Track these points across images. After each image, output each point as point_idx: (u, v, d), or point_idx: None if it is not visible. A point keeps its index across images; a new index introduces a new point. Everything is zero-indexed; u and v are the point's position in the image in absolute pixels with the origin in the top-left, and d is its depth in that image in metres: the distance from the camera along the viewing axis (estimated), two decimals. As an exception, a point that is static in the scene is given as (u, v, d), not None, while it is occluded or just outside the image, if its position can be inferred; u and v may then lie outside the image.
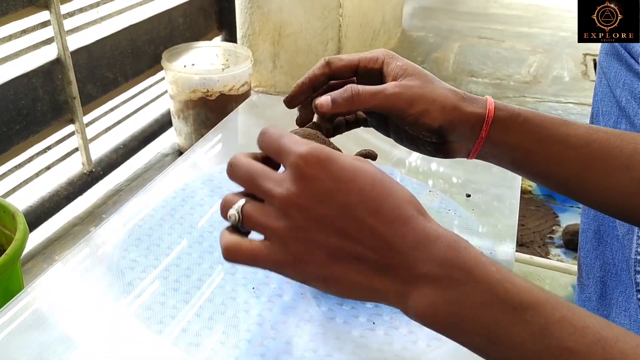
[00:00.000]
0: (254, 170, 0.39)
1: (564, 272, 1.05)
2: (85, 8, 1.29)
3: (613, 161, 0.49)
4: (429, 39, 2.52)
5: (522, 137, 0.50)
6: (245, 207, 0.38)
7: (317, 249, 0.37)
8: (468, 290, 0.35)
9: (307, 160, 0.36)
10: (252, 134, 0.83)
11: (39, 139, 1.23)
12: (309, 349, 0.47)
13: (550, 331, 0.34)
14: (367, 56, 0.53)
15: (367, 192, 0.37)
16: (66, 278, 0.54)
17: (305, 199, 0.36)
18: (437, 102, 0.50)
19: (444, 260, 0.36)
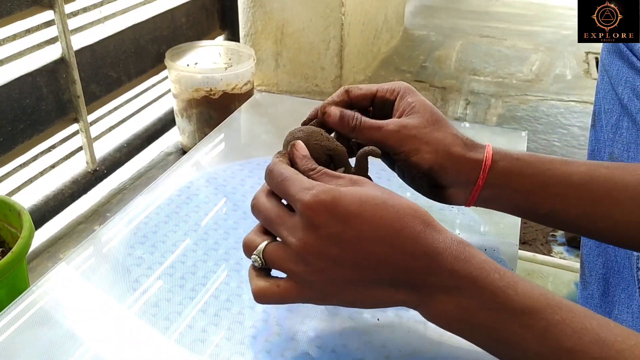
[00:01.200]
0: (271, 215, 0.43)
1: (566, 269, 1.06)
2: (88, 8, 1.29)
3: (619, 195, 0.49)
4: (431, 38, 2.52)
5: (524, 182, 0.51)
6: (266, 251, 0.43)
7: (339, 283, 0.41)
8: (475, 298, 0.38)
9: (313, 209, 0.39)
10: (256, 132, 0.84)
11: (43, 137, 1.24)
12: (314, 345, 0.47)
13: (551, 333, 0.36)
14: (385, 87, 0.55)
15: (375, 221, 0.39)
16: (72, 276, 0.54)
17: (318, 245, 0.40)
18: (430, 144, 0.51)
19: (452, 271, 0.39)
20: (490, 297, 0.38)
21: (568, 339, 0.36)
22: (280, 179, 0.43)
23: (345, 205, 0.39)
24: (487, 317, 0.38)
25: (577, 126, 1.80)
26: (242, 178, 0.70)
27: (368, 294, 0.41)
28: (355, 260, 0.40)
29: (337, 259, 0.40)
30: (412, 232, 0.39)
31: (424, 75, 2.15)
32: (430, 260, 0.39)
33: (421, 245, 0.39)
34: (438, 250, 0.39)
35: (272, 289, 0.42)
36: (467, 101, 1.96)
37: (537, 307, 0.37)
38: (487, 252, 0.58)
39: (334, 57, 1.86)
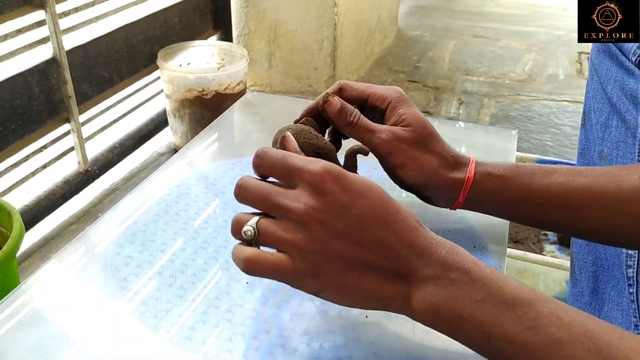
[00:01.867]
0: (267, 188, 0.42)
1: (557, 268, 1.06)
2: (80, 7, 1.29)
3: (598, 202, 0.51)
4: (424, 38, 2.53)
5: (504, 197, 0.53)
6: (260, 222, 0.41)
7: (335, 259, 0.40)
8: (466, 289, 0.39)
9: (322, 177, 0.39)
10: (248, 131, 0.84)
11: (35, 138, 1.23)
12: (303, 342, 0.47)
13: (541, 324, 0.37)
14: (377, 93, 0.55)
15: (377, 206, 0.40)
16: (61, 274, 0.54)
17: (324, 212, 0.39)
18: (417, 161, 0.53)
19: (445, 263, 0.39)
20: (482, 289, 0.38)
21: (557, 329, 0.36)
22: (279, 156, 0.42)
23: (351, 182, 0.40)
24: (477, 309, 0.38)
25: (570, 126, 1.81)
26: (233, 177, 0.69)
27: (359, 282, 0.40)
28: (355, 238, 0.39)
29: (338, 232, 0.39)
30: (409, 224, 0.40)
31: (417, 76, 2.15)
32: (424, 250, 0.40)
33: (417, 236, 0.40)
34: (432, 243, 0.40)
35: (266, 256, 0.40)
36: (460, 101, 1.96)
37: (527, 299, 0.38)
38: (476, 249, 0.58)
39: (327, 57, 1.86)
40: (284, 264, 0.40)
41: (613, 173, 0.52)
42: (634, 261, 0.65)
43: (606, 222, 0.52)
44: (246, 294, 0.52)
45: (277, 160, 0.42)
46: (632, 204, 0.50)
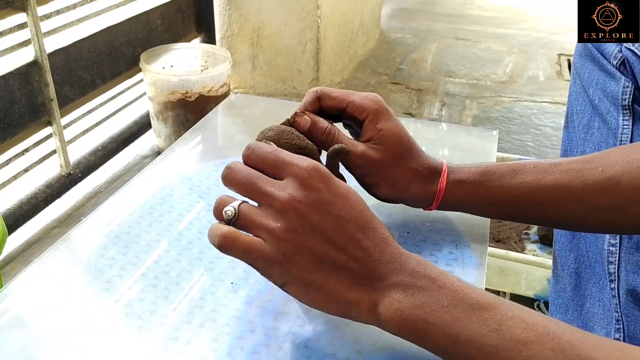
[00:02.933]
0: (255, 174, 0.43)
1: (539, 266, 1.08)
2: (62, 10, 1.29)
3: (565, 198, 0.54)
4: (407, 40, 2.54)
5: (476, 201, 0.56)
6: (242, 205, 0.43)
7: (306, 252, 0.41)
8: (433, 295, 0.40)
9: (310, 172, 0.41)
10: (231, 133, 0.84)
11: (16, 141, 1.22)
12: (287, 341, 0.48)
13: (506, 326, 0.38)
14: (356, 103, 0.55)
15: (356, 210, 0.42)
16: (44, 277, 0.54)
17: (304, 205, 0.41)
18: (390, 180, 0.55)
19: (413, 271, 0.41)
20: (448, 295, 0.40)
21: (522, 331, 0.37)
22: (270, 149, 0.44)
23: (336, 183, 0.42)
24: (444, 314, 0.39)
25: (550, 126, 1.83)
26: (217, 178, 0.70)
27: (326, 281, 0.41)
28: (330, 235, 0.41)
29: (316, 227, 0.40)
30: (383, 234, 0.42)
31: (400, 78, 2.17)
32: (395, 258, 0.41)
33: (389, 245, 0.42)
34: (403, 253, 0.42)
35: (241, 235, 0.41)
36: (443, 103, 1.98)
37: (492, 303, 0.39)
38: (457, 249, 0.59)
39: (311, 59, 1.87)
40: (257, 247, 0.41)
41: (577, 168, 0.54)
42: (615, 258, 0.66)
43: (574, 216, 0.55)
44: (231, 294, 0.52)
45: (267, 152, 0.44)
46: (597, 197, 0.53)
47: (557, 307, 0.77)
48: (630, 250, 0.65)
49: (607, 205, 0.53)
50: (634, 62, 0.64)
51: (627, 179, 0.52)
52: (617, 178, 0.52)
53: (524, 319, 0.38)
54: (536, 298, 1.10)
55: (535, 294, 1.10)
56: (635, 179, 0.52)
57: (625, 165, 0.52)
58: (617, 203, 0.53)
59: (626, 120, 0.66)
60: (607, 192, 0.52)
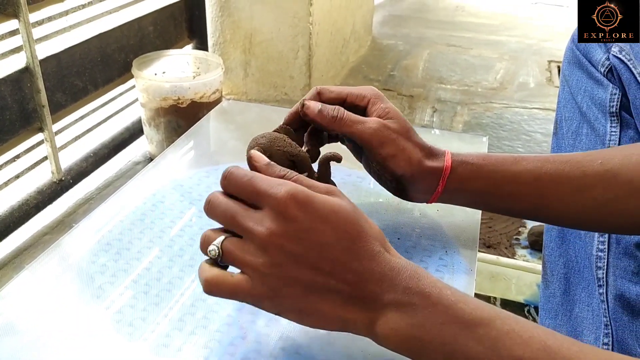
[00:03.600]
0: (233, 208, 0.42)
1: (529, 271, 1.08)
2: (54, 16, 1.28)
3: (565, 188, 0.54)
4: (399, 47, 2.56)
5: (478, 184, 0.55)
6: (224, 243, 0.42)
7: (293, 284, 0.40)
8: (427, 313, 0.39)
9: (286, 202, 0.39)
10: (223, 139, 0.84)
11: (8, 148, 1.22)
12: (278, 347, 0.48)
13: (502, 342, 0.37)
14: (355, 92, 0.57)
15: (339, 232, 0.40)
16: (35, 284, 0.54)
17: (284, 237, 0.39)
18: (406, 151, 0.55)
19: (405, 288, 0.40)
20: (443, 311, 0.39)
21: (518, 347, 0.37)
22: (245, 179, 0.42)
23: (316, 207, 0.40)
24: (439, 332, 0.39)
25: (540, 132, 1.84)
26: (209, 185, 0.70)
27: (318, 305, 0.41)
28: (315, 263, 0.40)
29: (298, 257, 0.39)
30: (372, 250, 0.41)
31: (391, 84, 2.18)
32: (386, 276, 0.40)
33: (378, 262, 0.40)
34: (394, 268, 0.41)
35: (225, 277, 0.41)
36: (434, 109, 1.99)
37: (487, 318, 0.38)
38: (447, 254, 0.59)
39: (303, 66, 1.88)
40: (242, 286, 0.41)
41: (577, 159, 0.54)
42: (604, 263, 0.67)
43: (572, 207, 0.54)
44: (222, 301, 0.52)
45: (242, 183, 0.42)
46: (595, 188, 0.53)
47: (547, 312, 0.78)
48: (619, 255, 0.66)
49: (605, 197, 0.53)
50: (621, 70, 0.65)
51: (626, 172, 0.52)
52: (616, 171, 0.53)
53: (520, 334, 0.37)
54: (526, 303, 1.11)
55: (526, 299, 1.10)
56: (633, 173, 0.52)
57: (625, 159, 0.53)
58: (615, 195, 0.53)
59: (614, 127, 0.67)
60: (605, 184, 0.53)
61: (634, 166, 0.53)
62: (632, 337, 0.64)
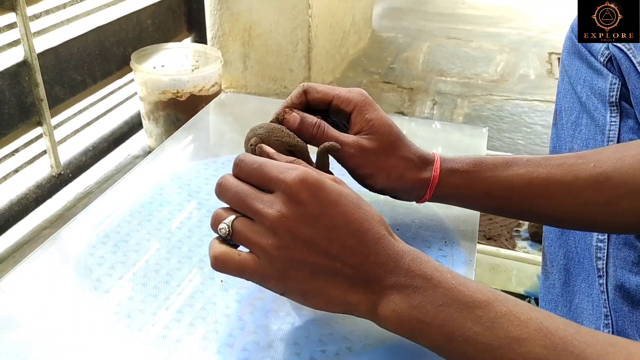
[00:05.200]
0: (244, 190, 0.43)
1: (529, 262, 1.08)
2: (51, 10, 1.28)
3: (556, 192, 0.54)
4: (398, 39, 2.55)
5: (468, 192, 0.56)
6: (235, 222, 0.43)
7: (300, 266, 0.41)
8: (428, 295, 0.40)
9: (297, 187, 0.40)
10: (222, 131, 0.84)
11: (6, 142, 1.22)
12: (277, 338, 0.48)
13: (499, 323, 0.38)
14: (342, 96, 0.56)
15: (348, 215, 0.41)
16: (34, 276, 0.54)
17: (294, 221, 0.40)
18: (384, 170, 0.55)
19: (408, 270, 0.41)
20: (443, 293, 0.40)
21: (515, 328, 0.38)
22: (256, 165, 0.43)
23: (326, 191, 0.41)
24: (439, 313, 0.39)
25: (540, 124, 1.84)
26: (207, 177, 0.70)
27: (323, 288, 0.42)
28: (323, 246, 0.40)
29: (307, 241, 0.40)
30: (377, 233, 0.42)
31: (391, 77, 2.17)
32: (390, 258, 0.41)
33: (384, 245, 0.41)
34: (398, 252, 0.41)
35: (233, 255, 0.42)
36: (434, 101, 1.98)
37: (486, 300, 0.39)
38: (447, 245, 0.59)
39: (302, 58, 1.87)
40: (250, 265, 0.42)
41: (570, 162, 0.54)
42: (604, 253, 0.67)
43: (565, 210, 0.55)
44: (220, 292, 0.52)
45: (253, 169, 0.43)
46: (588, 192, 0.53)
47: (547, 302, 0.78)
48: (618, 246, 0.66)
49: (597, 200, 0.53)
50: (621, 59, 0.65)
51: (619, 175, 0.52)
52: (608, 174, 0.52)
53: (518, 315, 0.38)
54: (527, 295, 1.11)
55: (526, 290, 1.10)
56: (627, 176, 0.52)
57: (617, 162, 0.53)
58: (608, 199, 0.53)
59: (613, 117, 0.67)
60: (598, 187, 0.53)
61: (627, 168, 0.52)
62: (632, 327, 0.64)
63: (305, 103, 0.56)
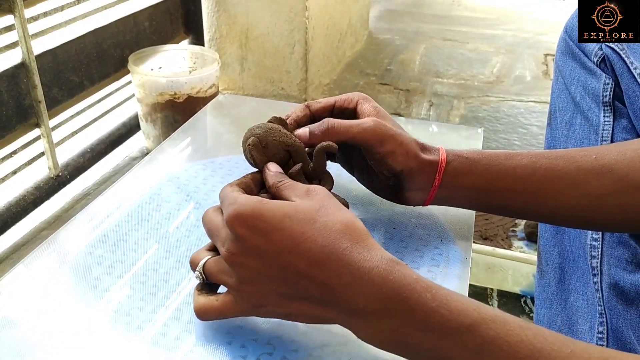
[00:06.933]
0: (209, 228, 0.45)
1: (525, 262, 1.09)
2: (49, 12, 1.28)
3: (559, 183, 0.54)
4: (395, 41, 2.56)
5: (474, 179, 0.55)
6: (206, 265, 0.45)
7: (268, 294, 0.41)
8: (406, 320, 0.38)
9: (233, 223, 0.41)
10: (219, 132, 0.85)
11: (4, 143, 1.22)
12: (275, 335, 0.48)
13: (487, 349, 0.36)
14: (342, 97, 0.58)
15: (296, 236, 0.39)
16: (33, 276, 0.54)
17: (241, 256, 0.41)
18: (403, 146, 0.54)
19: (378, 293, 0.38)
20: (422, 318, 0.38)
21: (504, 353, 0.36)
22: (220, 198, 0.46)
23: (265, 219, 0.40)
24: (420, 338, 0.38)
25: (536, 125, 1.85)
26: (205, 177, 0.70)
27: (300, 309, 0.41)
28: (279, 274, 0.40)
29: (262, 272, 0.40)
30: (335, 248, 0.39)
31: (388, 78, 2.18)
32: (355, 278, 0.38)
33: (345, 263, 0.39)
34: (363, 269, 0.39)
35: (212, 303, 0.44)
36: (431, 103, 1.99)
37: (471, 324, 0.37)
38: (442, 243, 0.60)
39: (299, 60, 1.88)
40: (228, 306, 0.43)
41: (572, 154, 0.54)
42: (598, 252, 0.67)
43: (567, 203, 0.54)
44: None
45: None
46: (590, 183, 0.53)
47: (542, 301, 0.78)
48: (612, 244, 0.66)
49: (600, 192, 0.53)
50: (614, 60, 0.65)
51: (620, 167, 0.52)
52: (610, 166, 0.53)
53: (507, 339, 0.36)
54: (523, 294, 1.12)
55: (522, 289, 1.11)
56: (628, 169, 0.52)
57: (619, 155, 0.53)
58: (610, 191, 0.53)
59: (607, 117, 0.68)
60: (600, 178, 0.53)
61: (629, 161, 0.53)
62: (627, 325, 0.65)
63: (309, 116, 0.58)
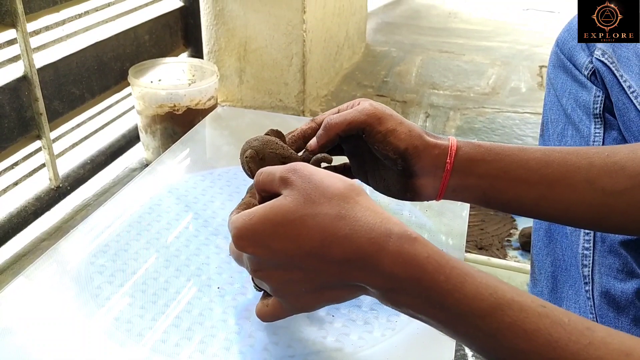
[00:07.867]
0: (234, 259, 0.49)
1: (519, 271, 1.10)
2: (51, 26, 1.30)
3: (573, 177, 0.52)
4: (392, 53, 2.58)
5: (487, 167, 0.53)
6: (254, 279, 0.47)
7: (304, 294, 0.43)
8: (421, 297, 0.38)
9: (239, 244, 0.42)
10: (217, 144, 0.86)
11: (6, 155, 1.23)
12: (272, 342, 0.49)
13: (503, 335, 0.36)
14: (344, 105, 0.59)
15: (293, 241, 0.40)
16: (35, 283, 0.55)
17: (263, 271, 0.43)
18: (404, 124, 0.54)
19: (391, 275, 0.38)
20: (437, 299, 0.38)
21: (521, 340, 0.36)
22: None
23: (259, 232, 0.41)
24: (437, 314, 0.39)
25: (531, 136, 1.87)
26: (204, 188, 0.72)
27: (333, 294, 0.43)
28: (300, 275, 0.42)
29: (285, 278, 0.42)
30: (336, 238, 0.39)
31: (385, 90, 2.20)
32: (366, 261, 0.39)
33: (358, 246, 0.39)
34: (371, 253, 0.39)
35: (264, 309, 0.46)
36: (427, 114, 2.01)
37: (486, 310, 0.37)
38: (436, 252, 0.61)
39: (297, 72, 1.90)
40: (276, 309, 0.46)
41: (584, 151, 0.54)
42: (590, 261, 0.68)
43: (583, 199, 0.52)
44: (217, 299, 0.54)
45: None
46: (603, 179, 0.52)
47: (535, 309, 0.79)
48: (604, 253, 0.68)
49: (613, 189, 0.52)
50: (604, 73, 0.67)
51: (632, 165, 0.52)
52: (622, 163, 0.52)
53: (523, 326, 0.36)
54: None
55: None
56: None
57: (630, 153, 0.52)
58: (622, 188, 0.52)
59: (598, 129, 0.69)
60: (612, 175, 0.52)
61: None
62: (618, 332, 0.66)
63: (315, 128, 0.58)
